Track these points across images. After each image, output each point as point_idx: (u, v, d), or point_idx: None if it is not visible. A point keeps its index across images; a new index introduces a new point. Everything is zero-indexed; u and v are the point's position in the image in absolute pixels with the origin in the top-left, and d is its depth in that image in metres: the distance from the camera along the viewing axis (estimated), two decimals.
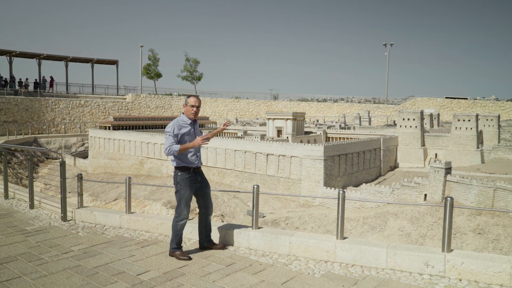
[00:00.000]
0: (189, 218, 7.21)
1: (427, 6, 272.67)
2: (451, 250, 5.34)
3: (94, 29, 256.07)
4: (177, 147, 5.59)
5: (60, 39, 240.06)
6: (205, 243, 6.34)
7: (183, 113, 5.91)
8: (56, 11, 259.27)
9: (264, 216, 30.10)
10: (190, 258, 5.78)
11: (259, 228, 6.63)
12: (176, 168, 5.89)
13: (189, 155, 5.84)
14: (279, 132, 47.70)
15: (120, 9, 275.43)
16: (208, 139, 5.65)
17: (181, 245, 6.02)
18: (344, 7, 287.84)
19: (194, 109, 5.83)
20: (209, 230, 6.39)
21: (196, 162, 5.92)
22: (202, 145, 5.73)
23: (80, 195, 8.56)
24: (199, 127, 6.24)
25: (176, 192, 5.93)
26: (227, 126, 6.24)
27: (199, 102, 5.88)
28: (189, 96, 5.89)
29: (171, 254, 5.93)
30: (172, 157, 5.87)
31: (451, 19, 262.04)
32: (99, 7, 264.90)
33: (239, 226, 6.84)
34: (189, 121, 5.83)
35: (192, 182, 5.90)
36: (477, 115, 42.34)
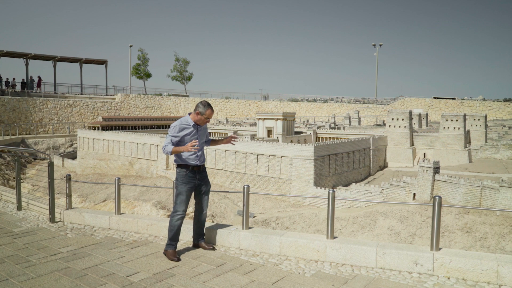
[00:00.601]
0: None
1: (416, 7, 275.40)
2: (440, 249, 5.41)
3: (83, 28, 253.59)
4: (170, 148, 5.77)
5: (48, 39, 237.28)
6: (196, 241, 6.40)
7: (189, 114, 6.01)
8: (44, 10, 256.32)
9: (254, 216, 30.11)
10: (179, 260, 5.79)
11: (249, 228, 6.63)
12: (177, 165, 6.13)
13: (187, 154, 5.98)
14: (269, 132, 47.77)
15: (109, 9, 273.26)
16: (198, 146, 5.74)
17: (174, 243, 6.02)
18: (334, 8, 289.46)
19: (208, 120, 6.02)
20: (202, 229, 6.44)
21: (195, 161, 6.05)
22: (190, 150, 5.73)
23: (69, 196, 8.47)
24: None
25: (175, 188, 6.13)
26: (234, 139, 6.41)
27: (212, 115, 6.05)
28: (207, 105, 5.90)
29: (164, 252, 5.98)
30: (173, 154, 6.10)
31: (440, 20, 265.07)
32: (88, 6, 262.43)
33: (230, 227, 6.84)
34: (193, 123, 5.94)
35: (189, 179, 6.02)
36: (464, 115, 42.88)
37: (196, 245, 6.40)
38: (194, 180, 6.06)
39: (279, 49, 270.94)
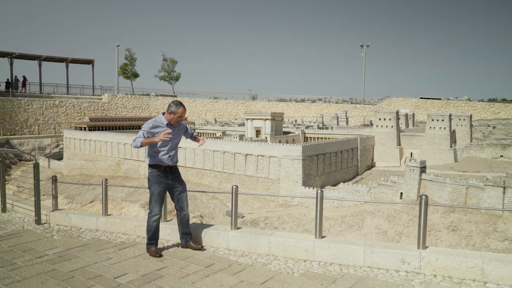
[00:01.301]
0: (168, 219, 7.22)
1: (403, 9, 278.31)
2: (426, 247, 5.48)
3: (69, 27, 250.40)
4: (140, 139, 5.76)
5: (33, 38, 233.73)
6: (183, 241, 6.40)
7: (163, 114, 6.04)
8: (29, 9, 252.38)
9: (243, 217, 30.10)
10: (160, 256, 5.94)
11: (238, 228, 6.64)
12: (148, 165, 6.11)
13: (160, 154, 6.00)
14: (258, 132, 47.80)
15: (96, 8, 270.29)
16: (170, 135, 5.78)
17: (154, 241, 6.14)
18: (322, 8, 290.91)
19: (180, 119, 6.03)
20: (186, 228, 6.41)
21: (168, 161, 6.05)
22: (163, 140, 5.73)
23: (55, 197, 8.37)
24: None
25: (148, 188, 6.15)
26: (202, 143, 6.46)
27: (185, 113, 6.12)
28: (178, 104, 5.96)
29: (147, 250, 6.13)
30: (146, 155, 6.09)
31: (426, 21, 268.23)
32: (75, 6, 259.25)
33: (218, 227, 6.84)
34: (166, 122, 5.97)
35: (161, 179, 6.05)
36: (450, 115, 43.49)
37: (184, 246, 6.40)
38: (166, 180, 6.09)
39: (267, 49, 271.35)
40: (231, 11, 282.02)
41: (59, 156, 50.79)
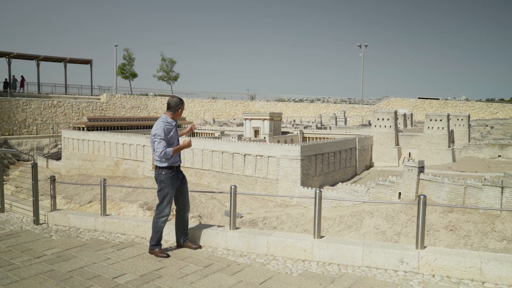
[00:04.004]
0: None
1: (401, 9, 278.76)
2: (425, 247, 5.49)
3: (67, 27, 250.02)
4: (170, 150, 5.81)
5: (31, 38, 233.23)
6: (181, 241, 6.39)
7: (165, 114, 6.09)
8: (27, 9, 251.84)
9: (242, 217, 30.09)
10: (168, 256, 5.90)
11: (236, 228, 6.64)
12: (161, 168, 6.03)
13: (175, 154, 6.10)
14: (257, 132, 47.80)
15: (94, 8, 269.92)
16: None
17: (161, 242, 6.14)
18: (320, 8, 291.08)
19: (183, 112, 6.20)
20: (186, 228, 6.46)
21: (178, 160, 6.21)
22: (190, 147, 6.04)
23: (53, 197, 8.36)
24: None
25: (159, 191, 6.08)
26: (194, 129, 6.56)
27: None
28: (178, 100, 6.11)
29: (150, 251, 6.04)
30: (157, 158, 6.02)
31: (424, 21, 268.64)
32: (73, 5, 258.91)
33: (217, 227, 6.83)
34: (174, 122, 6.10)
35: (175, 180, 6.09)
36: (448, 115, 43.55)
37: (180, 246, 6.39)
38: (178, 181, 6.16)
39: (266, 50, 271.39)
40: (229, 11, 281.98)
41: (57, 156, 50.69)
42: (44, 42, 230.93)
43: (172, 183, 6.04)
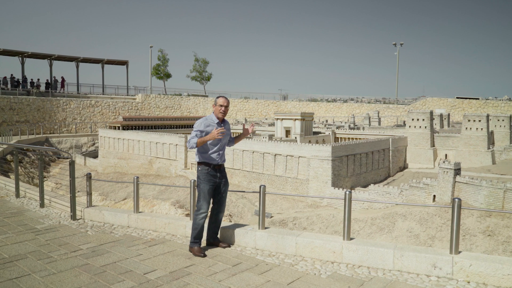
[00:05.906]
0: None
1: (437, 6, 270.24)
2: (459, 252, 5.29)
3: (104, 29, 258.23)
4: (195, 140, 5.85)
5: (71, 40, 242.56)
6: (211, 239, 6.44)
7: (213, 113, 6.16)
8: (67, 12, 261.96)
9: (272, 217, 30.09)
10: (205, 255, 5.93)
11: (266, 228, 6.64)
12: (198, 163, 6.18)
13: (210, 152, 6.07)
14: (288, 132, 47.64)
15: (129, 9, 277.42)
16: (223, 133, 5.84)
17: (198, 240, 6.14)
18: (354, 7, 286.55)
19: (223, 108, 6.08)
20: (218, 228, 6.49)
21: (217, 159, 6.15)
22: (217, 137, 5.82)
23: (89, 194, 8.64)
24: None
25: (197, 186, 6.21)
26: (252, 131, 6.55)
27: (228, 102, 6.17)
28: (218, 96, 6.15)
29: (190, 249, 6.12)
30: (196, 152, 6.14)
31: (462, 19, 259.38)
32: (109, 7, 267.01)
33: (246, 226, 6.86)
34: (217, 120, 6.08)
35: (211, 177, 6.10)
36: (487, 116, 41.84)
37: (210, 244, 6.44)
38: (215, 178, 6.14)
39: (299, 50, 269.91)
40: (262, 12, 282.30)
41: (94, 154, 52.48)
42: (83, 44, 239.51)
43: (207, 179, 6.06)
